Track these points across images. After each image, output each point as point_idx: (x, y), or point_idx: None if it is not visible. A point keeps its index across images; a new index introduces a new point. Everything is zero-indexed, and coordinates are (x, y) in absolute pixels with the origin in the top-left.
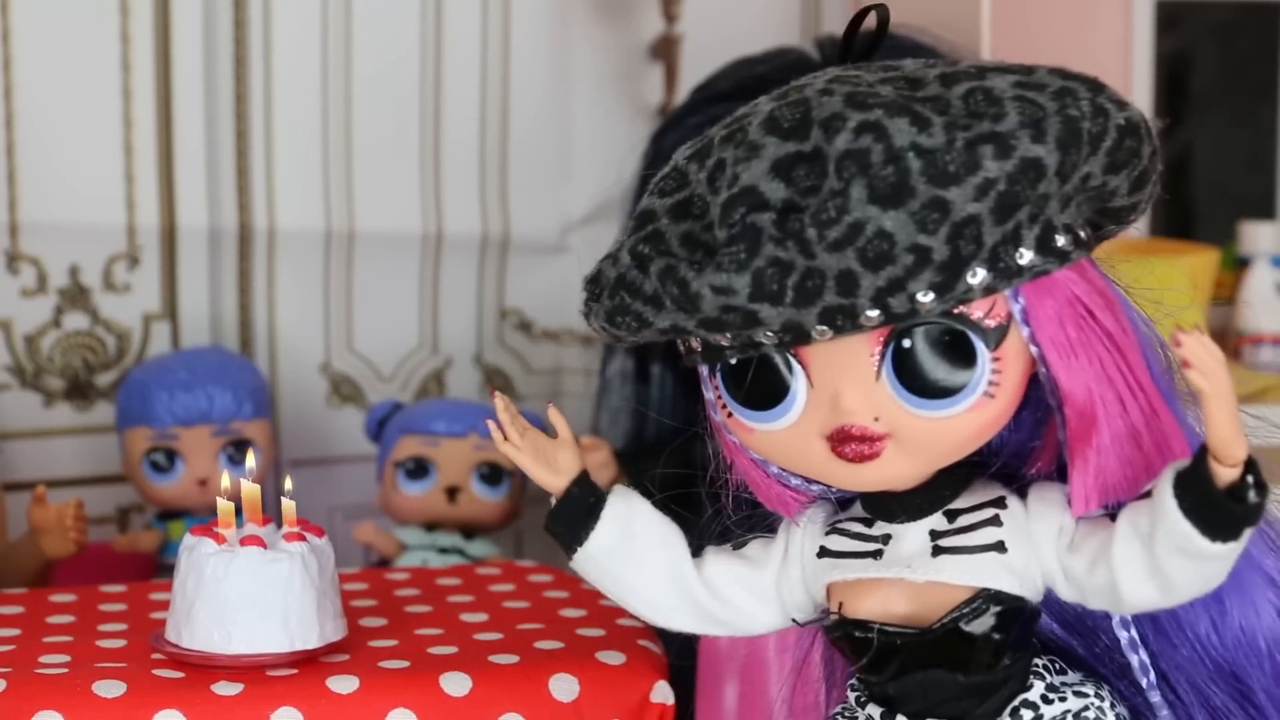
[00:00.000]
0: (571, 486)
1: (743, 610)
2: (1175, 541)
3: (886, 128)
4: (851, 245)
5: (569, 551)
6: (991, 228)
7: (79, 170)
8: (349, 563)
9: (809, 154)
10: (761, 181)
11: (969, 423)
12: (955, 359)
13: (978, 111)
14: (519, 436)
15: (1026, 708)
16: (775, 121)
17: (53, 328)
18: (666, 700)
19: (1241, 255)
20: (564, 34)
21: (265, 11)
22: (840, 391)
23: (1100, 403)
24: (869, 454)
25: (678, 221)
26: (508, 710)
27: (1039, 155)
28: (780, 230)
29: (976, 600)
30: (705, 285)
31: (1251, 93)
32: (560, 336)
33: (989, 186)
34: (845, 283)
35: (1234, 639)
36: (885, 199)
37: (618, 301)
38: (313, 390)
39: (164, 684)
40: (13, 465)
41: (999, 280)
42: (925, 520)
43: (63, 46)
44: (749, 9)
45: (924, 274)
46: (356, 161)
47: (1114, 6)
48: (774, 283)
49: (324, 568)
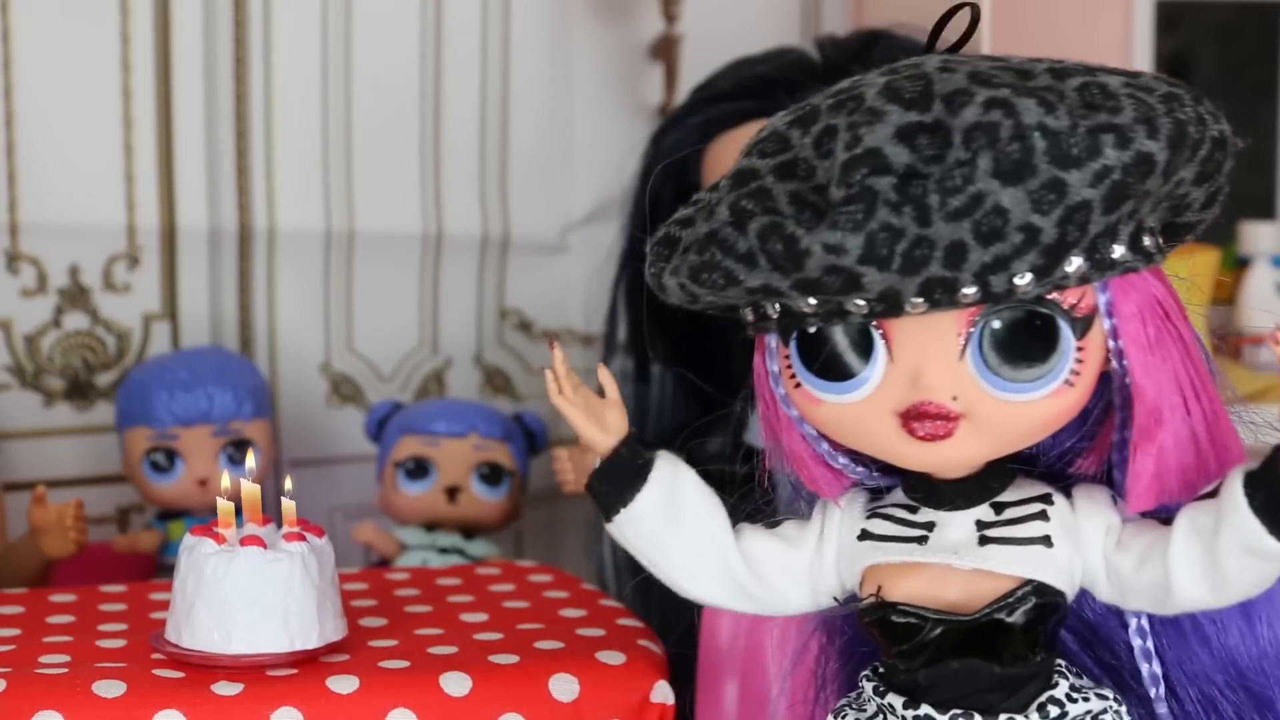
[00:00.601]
0: (620, 446)
1: (777, 588)
2: (1242, 539)
3: (1015, 105)
4: (969, 217)
5: (610, 513)
6: (1099, 216)
7: (79, 170)
8: (349, 563)
9: (930, 125)
10: (886, 144)
11: (1046, 409)
12: (1042, 344)
13: (1094, 103)
14: (573, 390)
15: (1053, 704)
16: (896, 91)
17: (53, 328)
18: (666, 700)
19: (1241, 255)
20: (564, 34)
21: (265, 11)
22: (922, 368)
23: (1168, 404)
24: (942, 433)
25: (783, 180)
26: (508, 710)
27: (1152, 151)
28: (900, 195)
29: (1019, 590)
30: (817, 242)
31: (1251, 93)
32: (560, 336)
33: (1106, 174)
34: (954, 255)
35: (1261, 650)
36: (1008, 174)
37: (708, 257)
38: (313, 390)
39: (164, 684)
40: (13, 465)
41: (1093, 271)
42: (972, 510)
43: (63, 46)
44: (749, 9)
45: (1029, 255)
46: (356, 161)
47: (1114, 6)
48: (885, 247)
49: (324, 568)
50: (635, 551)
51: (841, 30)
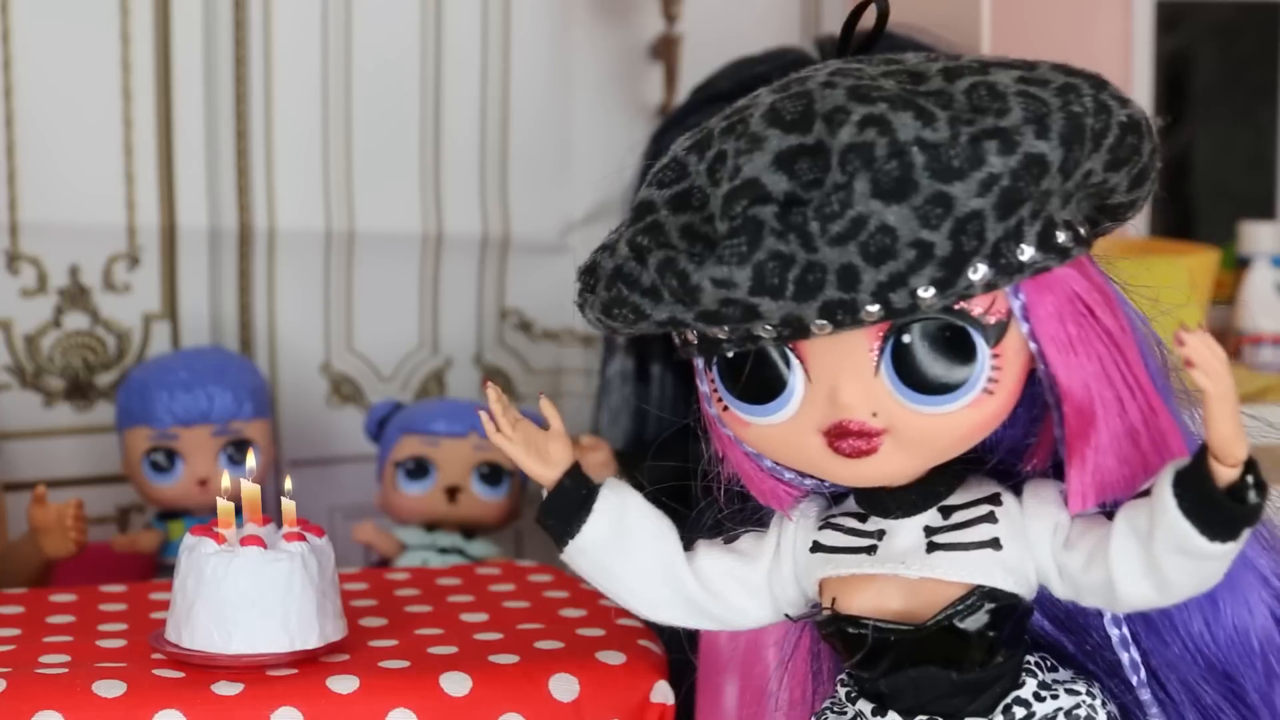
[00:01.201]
0: (564, 478)
1: (734, 605)
2: (1174, 540)
3: (890, 121)
4: (854, 239)
5: (560, 544)
6: (994, 223)
7: (79, 170)
8: (349, 563)
9: (811, 147)
10: (764, 174)
11: (967, 419)
12: (955, 355)
13: (981, 106)
14: (510, 427)
15: (1019, 705)
16: (778, 114)
17: (53, 328)
18: (666, 700)
19: (1241, 255)
20: (564, 34)
21: (265, 11)
22: (838, 386)
23: (1099, 401)
24: (866, 449)
25: (677, 213)
26: (508, 710)
27: (1043, 151)
28: (782, 223)
29: (971, 597)
30: (705, 278)
31: (1251, 93)
32: (560, 336)
33: (993, 182)
34: (846, 277)
35: (1227, 638)
36: (889, 193)
37: (615, 293)
38: (313, 390)
39: (164, 684)
40: (13, 465)
41: (1000, 276)
42: (920, 516)
43: (63, 46)
44: (749, 9)
45: (926, 269)
46: (356, 161)
47: (1114, 6)
48: (775, 276)
49: (324, 568)
50: (590, 580)
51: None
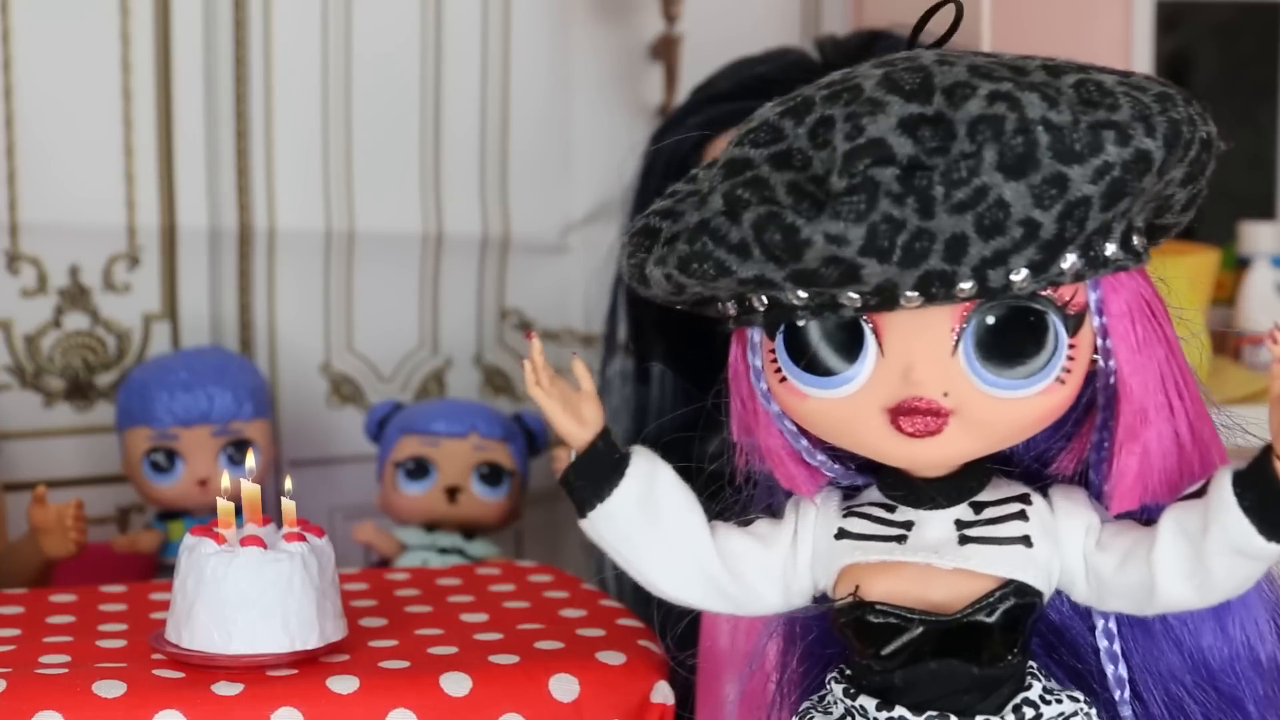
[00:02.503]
0: (596, 440)
1: (752, 588)
2: (1231, 540)
3: (1019, 99)
4: (973, 209)
5: (585, 508)
6: (1097, 213)
7: (79, 170)
8: (349, 563)
9: (932, 117)
10: (890, 135)
11: (1037, 406)
12: (1034, 341)
13: (1092, 100)
14: (549, 382)
15: (1028, 705)
16: (895, 83)
17: (53, 328)
18: (666, 700)
19: (1241, 255)
20: (564, 34)
21: (265, 11)
22: (913, 363)
23: (1154, 404)
24: (932, 429)
25: (780, 170)
26: (508, 710)
27: (1150, 149)
28: (903, 186)
29: (999, 591)
30: (819, 232)
31: (1251, 93)
32: (560, 336)
33: (1107, 170)
34: (954, 248)
35: (1234, 651)
36: (1012, 168)
37: (699, 247)
38: (313, 390)
39: (164, 684)
40: (13, 465)
41: (1087, 268)
42: (951, 510)
43: (63, 47)
44: (749, 9)
45: (1027, 250)
46: (356, 161)
47: (1114, 6)
48: (886, 238)
49: (324, 568)
50: (610, 549)
51: (841, 30)
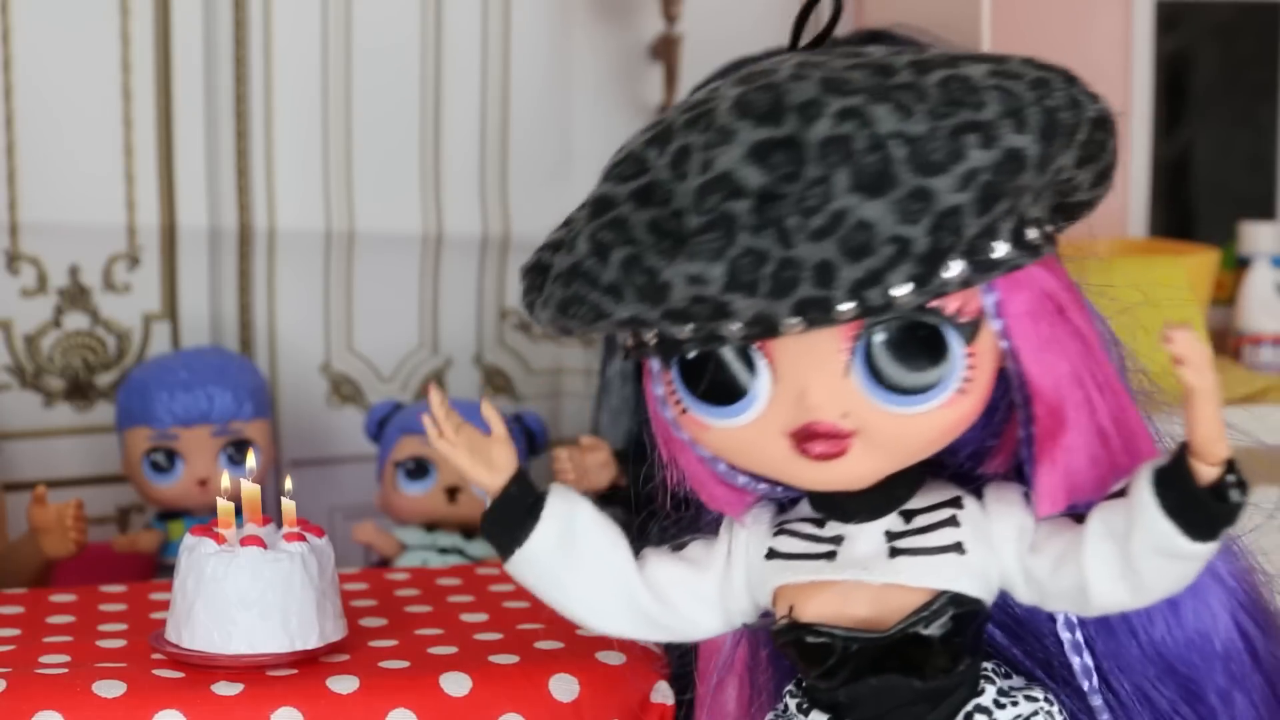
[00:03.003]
0: (510, 485)
1: (685, 615)
2: (1154, 541)
3: (869, 114)
4: (833, 235)
5: (505, 553)
6: (972, 219)
7: (79, 170)
8: (349, 563)
9: (783, 140)
10: (737, 167)
11: (941, 419)
12: (928, 354)
13: (957, 100)
14: (454, 432)
15: (980, 713)
16: (747, 105)
17: (53, 328)
18: (666, 700)
19: (1241, 255)
20: (564, 34)
21: (265, 11)
22: (807, 387)
23: (1070, 400)
24: (835, 452)
25: (642, 208)
26: (508, 710)
27: (1021, 146)
28: (758, 218)
29: (935, 603)
30: (678, 274)
31: (1251, 93)
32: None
33: (973, 176)
34: (822, 274)
35: (1188, 640)
36: (869, 187)
37: (572, 291)
38: (313, 390)
39: (164, 684)
40: (13, 465)
41: (975, 274)
42: (880, 521)
43: (63, 47)
44: (749, 9)
45: (903, 266)
46: (356, 161)
47: (1114, 6)
48: (749, 272)
49: (324, 568)
50: (536, 591)
51: (841, 30)
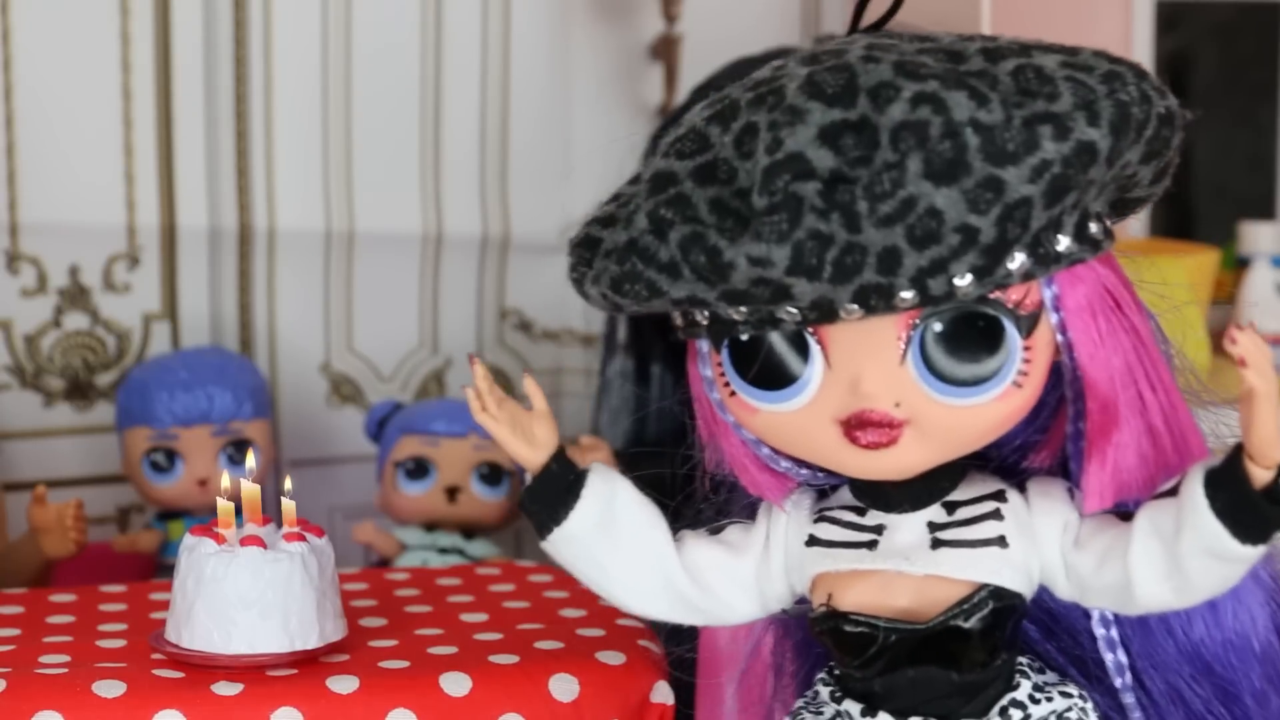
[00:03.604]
0: (550, 462)
1: (722, 599)
2: (1204, 542)
3: (945, 100)
4: (901, 221)
5: (544, 531)
6: (1040, 211)
7: (79, 170)
8: (349, 563)
9: (855, 123)
10: (808, 148)
11: (994, 412)
12: (986, 346)
13: (1030, 90)
14: (496, 406)
15: (1015, 707)
16: (818, 86)
17: (53, 328)
18: (666, 700)
19: (1241, 255)
20: (564, 34)
21: (265, 12)
22: (861, 375)
23: (1123, 398)
24: (886, 441)
25: (704, 185)
26: (508, 710)
27: (1094, 139)
28: (826, 201)
29: (976, 596)
30: (741, 255)
31: (1251, 93)
32: (560, 336)
33: (1045, 168)
34: (887, 260)
35: (1226, 641)
36: (941, 175)
37: (628, 268)
38: (313, 390)
39: (164, 684)
40: (13, 465)
41: (1037, 267)
42: (923, 512)
43: (63, 47)
44: (749, 9)
45: (968, 256)
46: (356, 161)
47: (1114, 6)
48: (813, 256)
49: (324, 568)
50: (573, 570)
51: (842, 30)
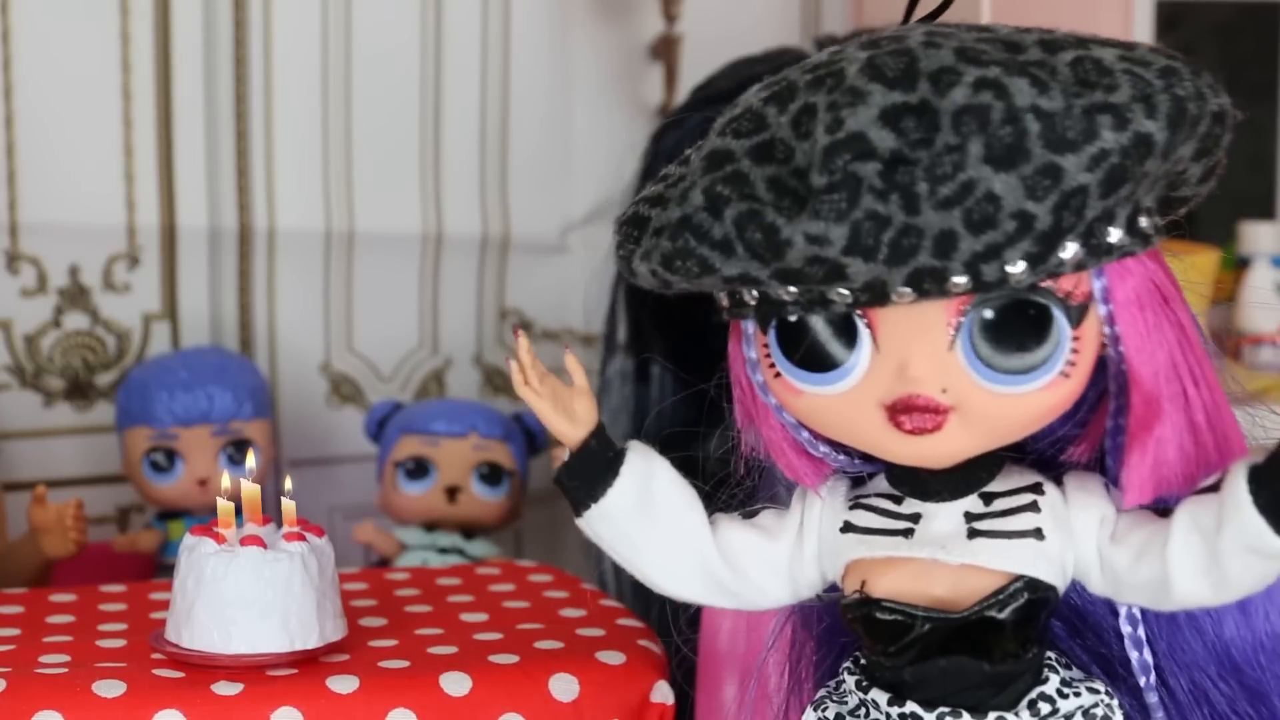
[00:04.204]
0: (589, 438)
1: (755, 582)
2: (1245, 538)
3: (1007, 86)
4: (960, 205)
5: (580, 508)
6: (1095, 201)
7: (79, 170)
8: (349, 563)
9: (916, 106)
10: (870, 128)
11: (1040, 402)
12: (1035, 334)
13: (1089, 80)
14: (539, 381)
15: (1044, 700)
16: (878, 69)
17: (53, 327)
18: (666, 700)
19: (1241, 255)
20: (564, 34)
21: (265, 12)
22: (909, 359)
23: (1167, 392)
24: (931, 427)
25: (761, 164)
26: (508, 710)
27: (1150, 131)
28: (885, 182)
29: (1011, 586)
30: (799, 232)
31: (1251, 93)
32: (560, 336)
33: (1103, 158)
34: (943, 244)
35: (1257, 642)
36: (1000, 160)
37: (681, 244)
38: (313, 390)
39: (164, 684)
40: (13, 465)
41: (1089, 257)
42: (960, 501)
43: (63, 47)
44: (749, 9)
45: (1023, 242)
46: (356, 161)
47: (1114, 6)
48: (870, 236)
49: (324, 568)
50: (608, 548)
51: (841, 30)
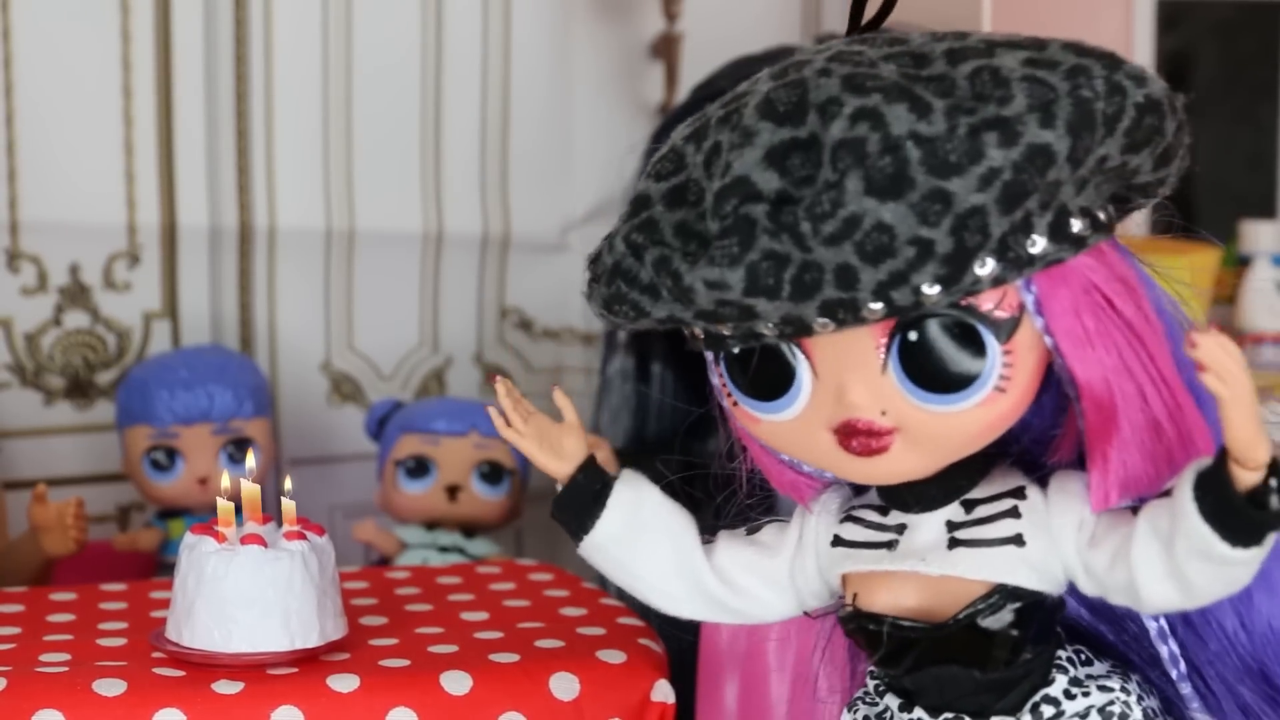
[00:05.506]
0: (577, 473)
1: (757, 598)
2: (1195, 545)
3: (884, 115)
4: (848, 239)
5: (575, 540)
6: (998, 218)
7: (79, 168)
8: (349, 561)
9: (805, 141)
10: (754, 171)
11: (979, 418)
12: (964, 352)
13: (983, 94)
14: (522, 421)
15: (1048, 703)
16: (771, 105)
17: (53, 326)
18: (667, 699)
19: (1242, 255)
20: (564, 33)
21: (265, 11)
22: (845, 384)
23: (1120, 395)
24: (876, 448)
25: (672, 209)
26: (508, 709)
27: (1047, 141)
28: (774, 223)
29: (993, 596)
30: (698, 279)
31: (1251, 92)
32: (560, 335)
33: (993, 176)
34: (844, 277)
35: (1262, 637)
36: (883, 190)
37: (614, 289)
38: (313, 389)
39: (164, 683)
40: (13, 464)
41: (1009, 271)
42: (942, 511)
43: (63, 45)
44: (749, 8)
45: (928, 267)
46: (357, 160)
47: (1114, 6)
48: (770, 276)
49: (324, 566)
50: (607, 575)
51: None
